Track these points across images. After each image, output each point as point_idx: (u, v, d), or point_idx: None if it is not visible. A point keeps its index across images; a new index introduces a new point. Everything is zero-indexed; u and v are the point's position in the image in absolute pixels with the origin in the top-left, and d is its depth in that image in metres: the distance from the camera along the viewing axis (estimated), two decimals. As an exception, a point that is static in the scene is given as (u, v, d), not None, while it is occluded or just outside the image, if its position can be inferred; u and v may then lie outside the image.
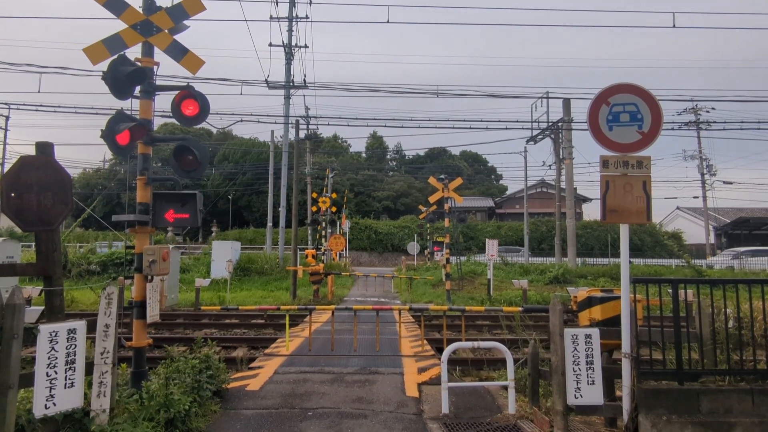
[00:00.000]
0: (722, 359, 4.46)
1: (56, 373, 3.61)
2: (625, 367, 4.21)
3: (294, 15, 23.90)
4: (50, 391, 3.56)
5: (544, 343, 7.25)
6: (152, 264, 4.69)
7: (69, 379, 3.67)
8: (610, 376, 4.54)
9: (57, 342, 3.62)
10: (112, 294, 4.03)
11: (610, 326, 4.65)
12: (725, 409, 4.11)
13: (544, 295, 16.31)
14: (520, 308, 9.11)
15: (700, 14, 59.29)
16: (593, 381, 4.22)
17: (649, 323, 4.53)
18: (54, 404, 3.57)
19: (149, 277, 4.83)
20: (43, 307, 4.83)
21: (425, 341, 8.14)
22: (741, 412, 4.09)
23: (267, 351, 7.87)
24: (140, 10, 5.02)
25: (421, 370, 6.43)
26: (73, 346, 3.70)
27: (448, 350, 4.94)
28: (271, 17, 23.38)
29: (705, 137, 35.58)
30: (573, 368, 4.24)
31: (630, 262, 4.47)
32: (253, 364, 6.86)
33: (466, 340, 7.46)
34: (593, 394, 4.21)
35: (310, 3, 24.07)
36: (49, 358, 3.58)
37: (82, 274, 19.41)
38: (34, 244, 4.31)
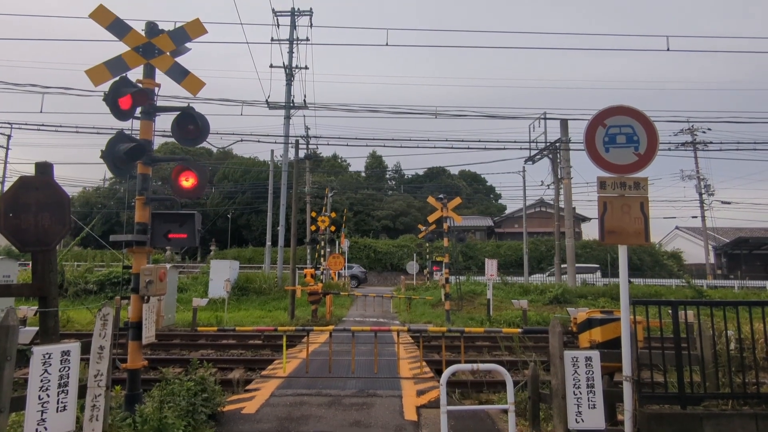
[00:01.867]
0: (725, 382, 4.40)
1: (48, 396, 3.54)
2: (627, 390, 4.15)
3: (295, 37, 24.31)
4: (42, 415, 3.50)
5: (544, 365, 7.17)
6: (149, 284, 4.66)
7: (61, 402, 3.61)
8: (612, 399, 4.47)
9: (50, 364, 3.57)
10: (107, 315, 4.00)
11: (610, 348, 4.60)
12: (729, 434, 4.04)
13: (544, 315, 16.18)
14: (519, 329, 9.03)
15: (693, 38, 60.46)
16: (594, 405, 4.16)
17: (650, 345, 4.48)
18: (45, 428, 3.50)
19: (146, 298, 4.80)
20: (37, 328, 4.78)
21: (424, 363, 8.04)
22: (745, 437, 4.02)
23: (264, 373, 7.76)
24: (143, 33, 5.11)
25: (420, 393, 6.34)
26: (66, 369, 3.65)
27: (447, 373, 4.86)
28: (272, 39, 23.77)
29: (702, 157, 35.88)
30: (574, 391, 4.18)
31: (630, 282, 4.45)
32: (249, 386, 6.75)
33: (466, 362, 7.37)
34: (595, 419, 4.14)
35: (311, 26, 24.54)
36: (41, 381, 3.52)
37: (79, 294, 19.26)
38: (30, 263, 4.29)
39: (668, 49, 17.50)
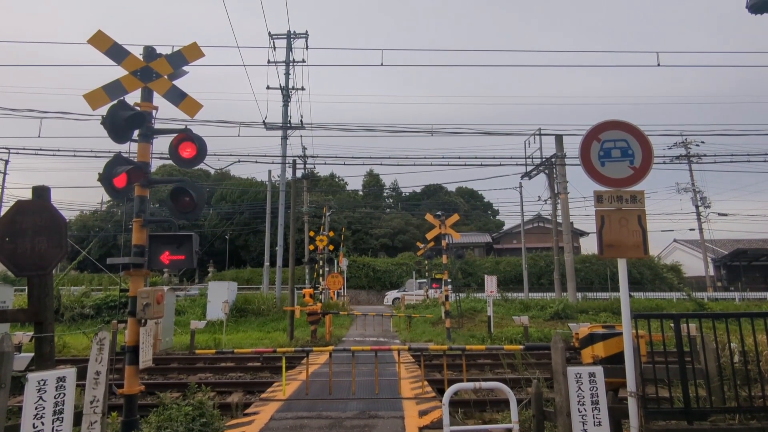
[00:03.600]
0: (730, 396, 4.35)
1: (43, 424, 3.47)
2: (632, 406, 4.09)
3: (291, 59, 24.64)
4: (36, 444, 3.41)
5: (547, 381, 7.08)
6: (146, 307, 4.61)
7: (56, 430, 3.53)
8: (617, 416, 4.41)
9: (45, 391, 3.50)
10: (103, 339, 3.94)
11: (613, 363, 4.56)
12: (738, 450, 3.97)
13: (545, 331, 16.05)
14: (521, 346, 8.94)
15: (683, 53, 61.62)
16: (600, 422, 4.09)
17: (653, 360, 4.43)
18: (39, 458, 3.41)
19: (143, 321, 4.75)
20: (32, 354, 4.71)
21: (426, 382, 7.93)
22: (754, 453, 3.95)
23: (263, 396, 7.63)
24: (140, 58, 5.17)
25: (422, 413, 6.23)
26: (61, 395, 3.58)
27: (449, 392, 4.79)
28: (268, 62, 24.10)
29: (697, 170, 36.12)
30: (578, 409, 4.11)
31: (630, 296, 4.43)
32: (248, 410, 6.63)
33: (468, 380, 7.27)
34: (600, 436, 4.06)
35: (307, 48, 24.89)
36: (36, 408, 3.45)
37: (75, 318, 19.05)
38: (26, 288, 4.25)
39: (658, 65, 17.80)
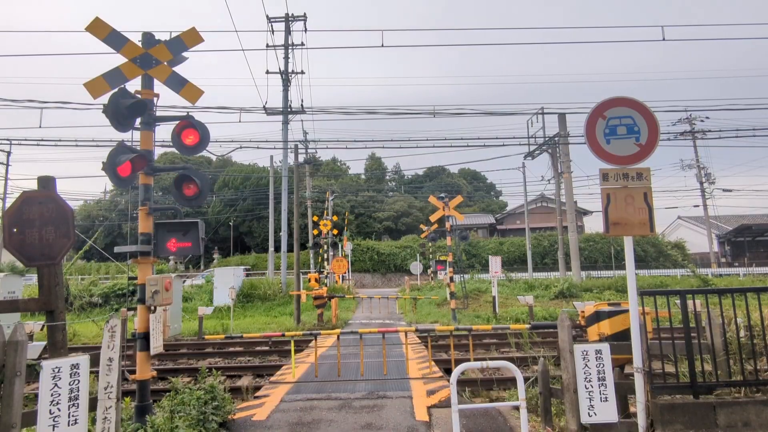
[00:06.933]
0: (736, 370, 4.38)
1: (59, 410, 3.54)
2: (638, 382, 4.13)
3: (290, 43, 24.33)
4: (53, 430, 3.49)
5: (553, 359, 7.16)
6: (155, 294, 4.66)
7: (72, 416, 3.60)
8: (624, 391, 4.46)
9: (60, 378, 3.57)
10: (115, 327, 3.99)
11: (619, 340, 4.58)
12: (743, 422, 4.02)
13: (550, 310, 16.16)
14: (527, 325, 9.01)
15: (688, 26, 60.49)
16: (606, 398, 4.14)
17: (659, 336, 4.46)
18: (57, 443, 3.49)
19: (152, 308, 4.80)
20: (45, 343, 4.78)
21: (433, 362, 8.03)
22: (760, 425, 4.01)
23: (272, 379, 7.75)
24: (140, 44, 5.11)
25: (430, 393, 6.32)
26: (76, 382, 3.64)
27: (456, 371, 4.84)
28: (267, 46, 23.82)
29: (701, 146, 35.82)
30: (585, 385, 4.16)
31: (635, 273, 4.43)
32: (258, 393, 6.75)
33: (475, 359, 7.35)
34: (607, 412, 4.12)
35: (305, 30, 24.54)
36: (52, 395, 3.52)
37: (84, 307, 19.29)
38: (35, 278, 4.29)
39: (663, 39, 17.50)
